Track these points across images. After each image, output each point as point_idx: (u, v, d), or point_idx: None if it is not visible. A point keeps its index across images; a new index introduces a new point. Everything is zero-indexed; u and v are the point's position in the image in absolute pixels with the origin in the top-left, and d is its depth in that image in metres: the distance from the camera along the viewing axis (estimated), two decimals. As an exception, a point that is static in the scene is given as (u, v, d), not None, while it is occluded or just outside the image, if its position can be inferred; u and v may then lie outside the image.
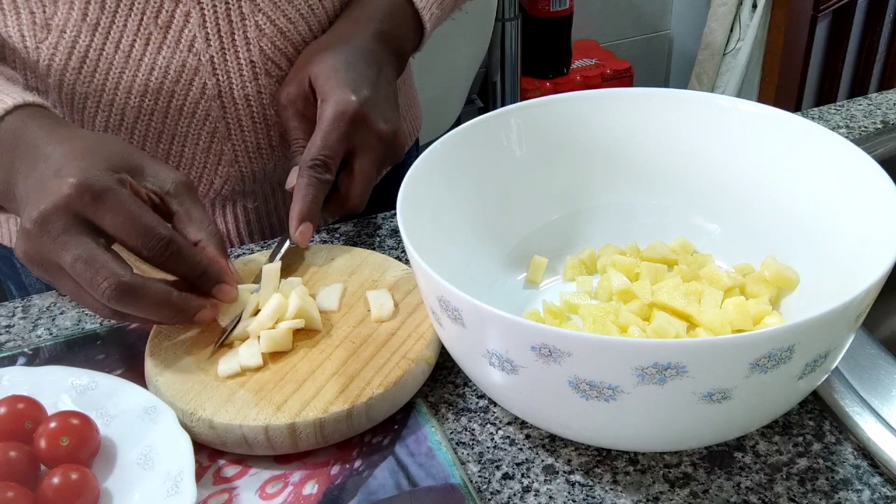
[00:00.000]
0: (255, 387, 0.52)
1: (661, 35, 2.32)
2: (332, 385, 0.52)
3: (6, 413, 0.50)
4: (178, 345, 0.56)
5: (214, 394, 0.52)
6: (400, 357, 0.54)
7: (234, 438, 0.50)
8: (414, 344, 0.55)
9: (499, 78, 1.91)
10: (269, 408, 0.50)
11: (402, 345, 0.54)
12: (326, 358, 0.54)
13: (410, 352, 0.54)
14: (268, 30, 0.67)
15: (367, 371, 0.53)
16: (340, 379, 0.52)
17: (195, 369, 0.54)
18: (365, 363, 0.53)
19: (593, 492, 0.49)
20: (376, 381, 0.52)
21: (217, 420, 0.50)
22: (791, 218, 0.57)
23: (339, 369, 0.53)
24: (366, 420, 0.52)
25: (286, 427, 0.50)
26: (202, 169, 0.71)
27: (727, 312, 0.54)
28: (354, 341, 0.55)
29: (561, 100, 0.61)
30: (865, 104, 0.88)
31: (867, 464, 0.50)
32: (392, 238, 0.70)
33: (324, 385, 0.52)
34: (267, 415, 0.50)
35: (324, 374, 0.53)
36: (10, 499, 0.46)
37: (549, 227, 0.63)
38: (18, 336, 0.62)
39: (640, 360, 0.41)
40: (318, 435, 0.50)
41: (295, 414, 0.50)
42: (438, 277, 0.45)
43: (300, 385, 0.52)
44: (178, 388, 0.52)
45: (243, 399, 0.51)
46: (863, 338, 0.55)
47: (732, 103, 0.59)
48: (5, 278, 0.83)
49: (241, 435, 0.50)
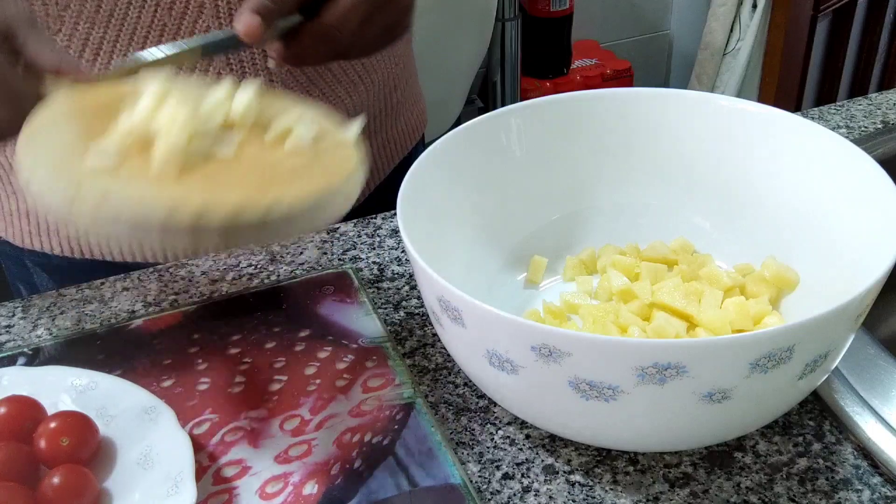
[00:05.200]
0: (155, 177, 0.44)
1: (661, 35, 2.32)
2: (250, 180, 0.45)
3: (6, 413, 0.50)
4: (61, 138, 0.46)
5: (105, 176, 0.43)
6: (327, 173, 0.47)
7: (124, 223, 0.42)
8: (342, 165, 0.48)
9: (499, 78, 1.91)
10: (176, 191, 0.43)
11: (330, 164, 0.48)
12: (243, 162, 0.46)
13: (339, 169, 0.47)
14: None
15: (290, 179, 0.46)
16: (257, 179, 0.45)
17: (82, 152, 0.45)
18: (288, 172, 0.46)
19: (593, 492, 0.49)
20: (299, 186, 0.45)
21: (112, 194, 0.42)
22: (791, 218, 0.57)
23: (258, 172, 0.46)
24: (283, 225, 0.44)
25: (194, 210, 0.42)
26: None
27: (727, 312, 0.54)
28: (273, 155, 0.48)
29: (561, 100, 0.61)
30: (865, 104, 0.88)
31: (867, 464, 0.50)
32: (392, 238, 0.70)
33: (241, 180, 0.45)
34: (174, 195, 0.42)
35: (238, 172, 0.45)
36: (10, 499, 0.46)
37: (549, 227, 0.63)
38: (18, 336, 0.62)
39: (640, 360, 0.41)
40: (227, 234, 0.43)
41: (207, 198, 0.42)
42: (438, 277, 0.45)
43: (212, 178, 0.44)
44: (60, 168, 0.44)
45: (142, 184, 0.43)
46: (863, 338, 0.55)
47: (732, 103, 0.59)
48: (14, 279, 0.83)
49: (132, 218, 0.42)
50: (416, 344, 0.60)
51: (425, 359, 0.58)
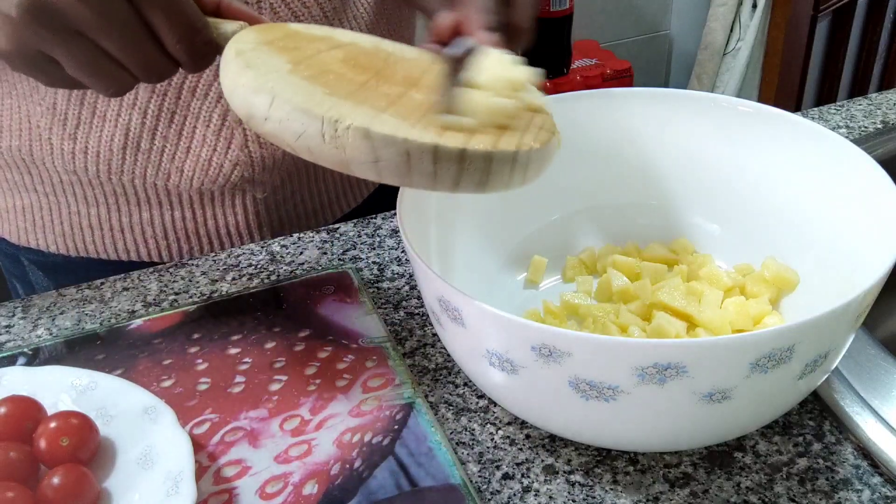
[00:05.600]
0: (398, 114, 0.44)
1: (661, 35, 2.32)
2: (484, 131, 0.44)
3: (6, 413, 0.50)
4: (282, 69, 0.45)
5: (354, 110, 0.43)
6: (537, 127, 0.47)
7: (393, 155, 0.42)
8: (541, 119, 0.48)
9: (499, 78, 1.91)
10: (427, 130, 0.43)
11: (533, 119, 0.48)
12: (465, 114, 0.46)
13: (545, 123, 0.48)
14: (282, 12, 0.68)
15: (515, 131, 0.45)
16: (489, 130, 0.45)
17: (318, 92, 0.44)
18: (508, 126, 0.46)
19: (593, 492, 0.49)
20: (529, 138, 0.45)
21: (375, 130, 0.41)
22: (791, 218, 0.57)
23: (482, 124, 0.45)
24: (522, 174, 0.45)
25: (456, 150, 0.42)
26: (212, 151, 0.71)
27: (727, 312, 0.54)
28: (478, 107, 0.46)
29: (561, 100, 0.61)
30: (865, 104, 0.88)
31: (867, 464, 0.50)
32: (392, 238, 0.70)
33: (476, 130, 0.44)
34: (432, 136, 0.42)
35: (469, 122, 0.45)
36: (10, 499, 0.46)
37: (549, 227, 0.63)
38: (18, 336, 0.62)
39: (640, 360, 0.41)
40: (482, 172, 0.43)
41: (464, 140, 0.42)
42: (438, 277, 0.45)
43: (451, 123, 0.44)
44: (306, 99, 0.43)
45: (391, 121, 0.43)
46: (863, 338, 0.55)
47: (732, 103, 0.59)
48: (10, 276, 0.83)
49: (404, 151, 0.41)
50: (416, 344, 0.60)
51: (425, 359, 0.58)
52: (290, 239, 0.70)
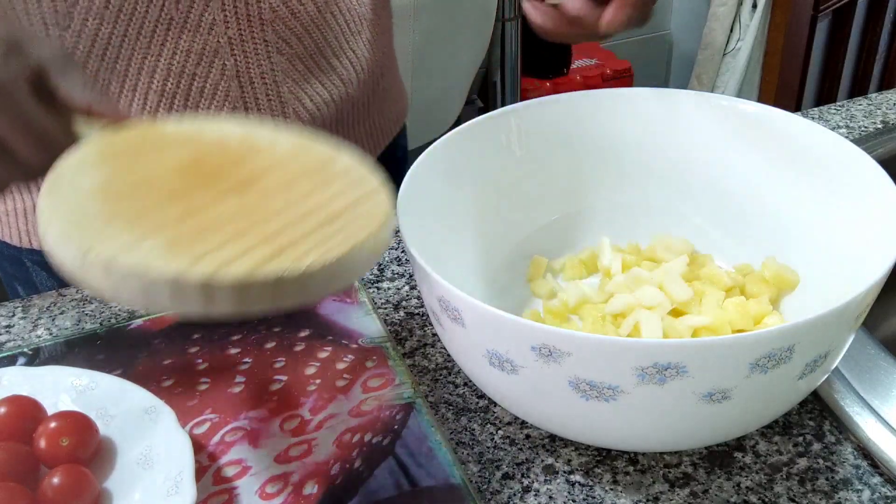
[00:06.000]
0: (169, 237, 0.44)
1: (661, 35, 2.32)
2: (262, 250, 0.44)
3: (6, 413, 0.50)
4: (82, 188, 0.47)
5: (116, 237, 0.43)
6: (344, 237, 0.46)
7: (133, 288, 0.42)
8: (362, 228, 0.47)
9: (499, 78, 1.91)
10: (184, 258, 0.42)
11: (349, 225, 0.47)
12: (259, 223, 0.46)
13: (358, 233, 0.46)
14: (281, 11, 0.69)
15: (305, 244, 0.45)
16: (270, 246, 0.44)
17: (98, 213, 0.45)
18: (304, 236, 0.45)
19: (593, 492, 0.49)
20: (315, 253, 0.44)
21: (118, 261, 0.41)
22: (791, 218, 0.57)
23: (272, 237, 0.45)
24: (295, 293, 0.43)
25: (200, 283, 0.41)
26: None
27: (727, 312, 0.54)
28: (295, 214, 0.47)
29: (561, 100, 0.61)
30: (865, 104, 0.88)
31: (867, 464, 0.50)
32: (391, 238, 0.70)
33: (252, 247, 0.44)
34: (180, 265, 0.41)
35: (255, 238, 0.44)
36: (9, 499, 0.46)
37: (549, 227, 0.63)
38: (18, 336, 0.62)
39: (640, 360, 0.41)
40: (237, 298, 0.42)
41: (215, 269, 0.41)
42: (438, 277, 0.45)
43: (223, 244, 0.44)
44: (74, 228, 0.44)
45: (152, 247, 0.43)
46: (863, 338, 0.55)
47: (732, 103, 0.59)
48: (11, 279, 0.83)
49: (143, 284, 0.41)
50: (416, 344, 0.60)
51: (425, 359, 0.58)
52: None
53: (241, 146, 0.52)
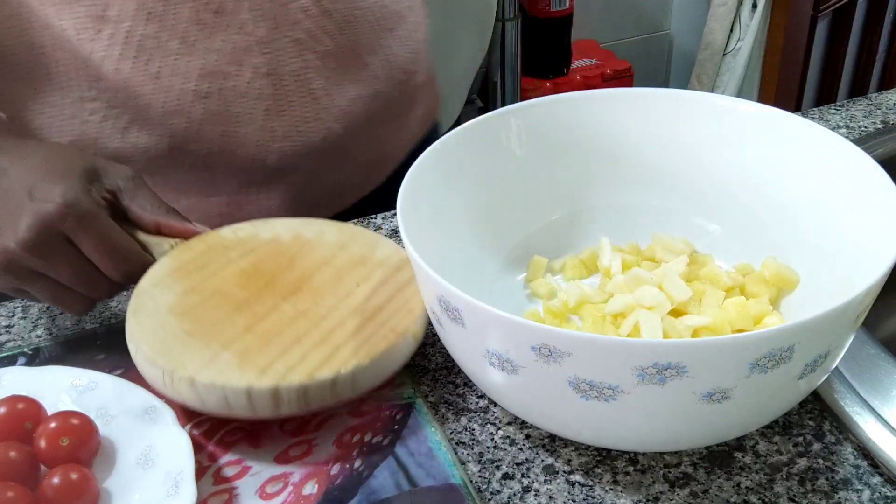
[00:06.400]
0: (239, 349, 0.52)
1: (661, 35, 2.32)
2: (318, 352, 0.51)
3: (6, 413, 0.50)
4: (162, 308, 0.55)
5: (196, 354, 0.51)
6: (388, 330, 0.53)
7: (215, 399, 0.50)
8: (402, 318, 0.54)
9: (499, 78, 1.91)
10: (252, 370, 0.50)
11: (391, 318, 0.54)
12: (313, 327, 0.54)
13: (398, 325, 0.54)
14: (312, 10, 0.70)
15: (354, 342, 0.52)
16: (325, 347, 0.52)
17: (179, 331, 0.53)
18: (351, 334, 0.53)
19: (593, 492, 0.49)
20: (363, 351, 0.51)
21: (199, 379, 0.49)
22: (791, 218, 0.57)
23: (325, 338, 0.53)
24: (350, 389, 0.51)
25: (269, 390, 0.49)
26: (256, 147, 0.72)
27: (727, 312, 0.54)
28: (342, 312, 0.55)
29: (561, 100, 0.61)
30: (865, 104, 0.88)
31: (867, 464, 0.50)
32: (392, 238, 0.70)
33: (309, 352, 0.51)
34: (250, 377, 0.49)
35: (310, 340, 0.52)
36: (10, 499, 0.46)
37: (549, 227, 0.63)
38: (18, 336, 0.62)
39: (640, 360, 0.41)
40: (302, 401, 0.50)
41: (279, 378, 0.49)
42: (438, 277, 0.45)
43: (285, 351, 0.52)
44: (160, 347, 0.52)
45: (226, 361, 0.51)
46: (863, 338, 0.55)
47: (732, 103, 0.59)
48: None
49: (222, 396, 0.49)
50: (416, 344, 0.60)
51: (425, 359, 0.58)
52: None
53: (292, 244, 0.61)
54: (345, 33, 0.72)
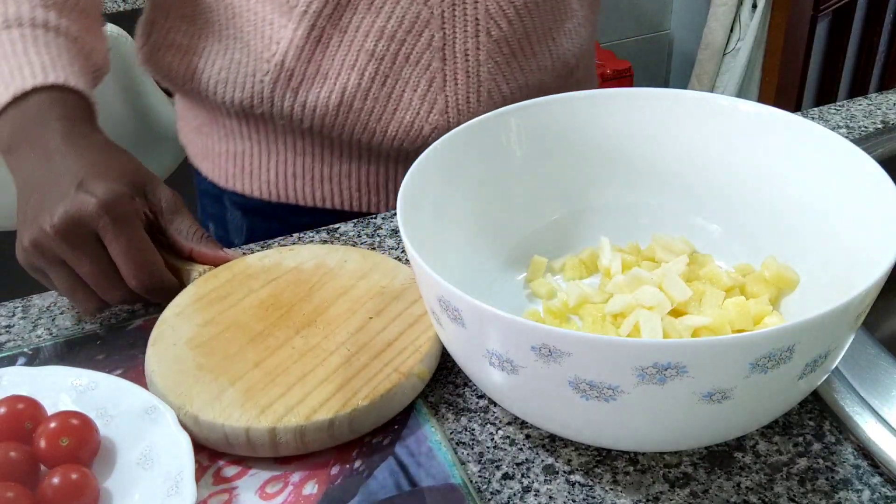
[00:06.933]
0: (245, 386, 0.52)
1: (661, 35, 2.32)
2: (319, 392, 0.52)
3: (6, 413, 0.50)
4: (180, 339, 0.56)
5: (204, 390, 0.52)
6: (392, 370, 0.53)
7: (217, 437, 0.51)
8: (408, 357, 0.54)
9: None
10: (253, 410, 0.51)
11: (397, 357, 0.54)
12: (319, 363, 0.54)
13: (403, 365, 0.53)
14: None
15: (357, 381, 0.52)
16: (328, 386, 0.52)
17: (191, 365, 0.54)
18: (356, 372, 0.53)
19: (593, 492, 0.49)
20: (363, 393, 0.52)
21: (202, 417, 0.51)
22: (791, 218, 0.57)
23: (329, 376, 0.53)
24: (348, 431, 0.51)
25: (266, 431, 0.50)
26: (415, 115, 0.75)
27: (727, 312, 0.54)
28: (350, 348, 0.55)
29: (561, 100, 0.61)
30: (865, 104, 0.88)
31: (867, 464, 0.50)
32: (392, 238, 0.70)
33: (311, 392, 0.52)
34: (250, 417, 0.50)
35: (314, 379, 0.53)
36: (10, 499, 0.46)
37: (549, 227, 0.63)
38: (18, 336, 0.62)
39: (640, 360, 0.41)
40: (299, 441, 0.50)
41: (277, 419, 0.50)
42: (438, 277, 0.45)
43: (288, 389, 0.52)
44: (172, 381, 0.53)
45: (231, 398, 0.52)
46: (863, 338, 0.55)
47: (732, 103, 0.59)
48: (207, 217, 0.90)
49: (223, 434, 0.50)
50: (416, 344, 0.59)
51: (425, 359, 0.58)
52: (290, 239, 0.70)
53: (313, 274, 0.62)
54: (523, 20, 0.75)
